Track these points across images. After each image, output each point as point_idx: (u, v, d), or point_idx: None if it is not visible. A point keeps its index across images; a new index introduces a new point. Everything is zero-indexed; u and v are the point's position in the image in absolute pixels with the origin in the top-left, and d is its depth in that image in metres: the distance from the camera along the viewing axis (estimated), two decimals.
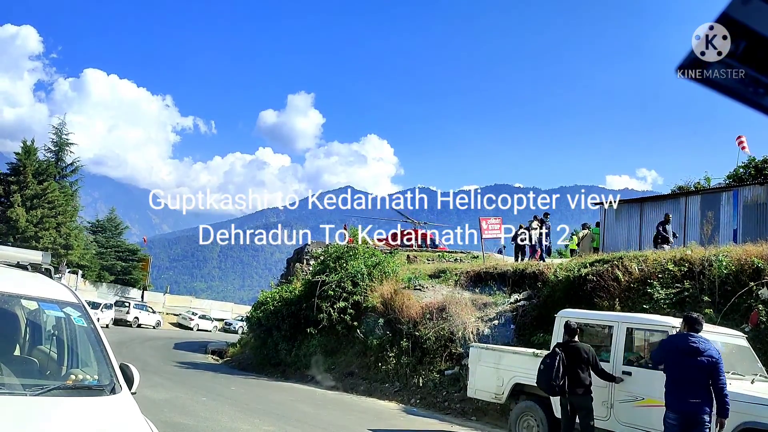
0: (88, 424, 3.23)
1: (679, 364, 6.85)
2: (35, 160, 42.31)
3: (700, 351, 6.66)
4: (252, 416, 10.84)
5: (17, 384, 3.40)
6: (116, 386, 3.66)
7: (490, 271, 18.01)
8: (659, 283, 12.37)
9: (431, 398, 14.47)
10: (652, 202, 20.54)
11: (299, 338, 19.39)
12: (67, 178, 48.40)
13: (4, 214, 38.85)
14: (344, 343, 18.27)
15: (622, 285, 12.98)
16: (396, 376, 15.88)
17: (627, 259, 13.80)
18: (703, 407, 6.62)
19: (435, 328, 15.73)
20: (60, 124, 49.38)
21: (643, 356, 8.53)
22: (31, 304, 4.33)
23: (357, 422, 11.46)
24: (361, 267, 19.04)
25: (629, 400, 8.11)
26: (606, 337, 8.87)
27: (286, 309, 20.36)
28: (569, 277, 14.50)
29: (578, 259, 16.27)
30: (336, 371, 17.72)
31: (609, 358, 8.51)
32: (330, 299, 18.29)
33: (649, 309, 11.64)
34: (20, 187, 40.02)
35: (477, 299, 16.64)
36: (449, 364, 14.95)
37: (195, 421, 9.70)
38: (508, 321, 15.22)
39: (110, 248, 53.57)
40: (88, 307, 4.21)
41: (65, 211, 42.16)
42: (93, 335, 3.98)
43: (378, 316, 17.20)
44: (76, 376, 3.79)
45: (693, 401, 6.66)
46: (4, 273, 4.39)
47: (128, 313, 40.48)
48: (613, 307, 12.27)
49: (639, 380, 8.08)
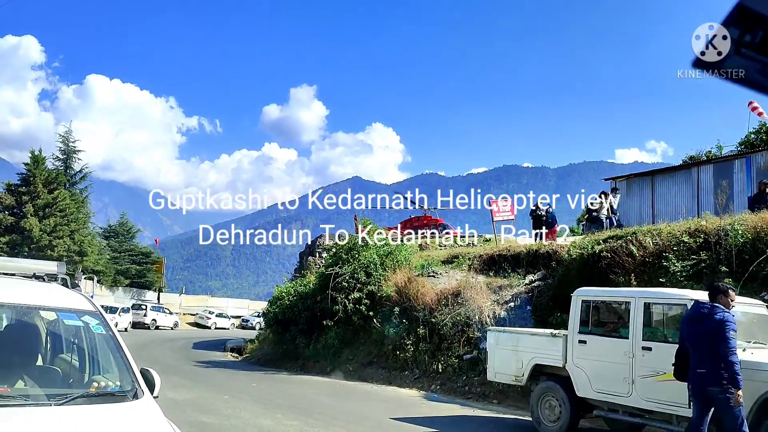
0: (113, 431, 3.25)
1: (687, 334, 6.70)
2: (44, 169, 42.53)
3: (705, 317, 6.45)
4: (274, 411, 10.90)
5: (41, 394, 3.43)
6: (138, 391, 3.68)
7: (504, 254, 17.96)
8: (675, 256, 12.29)
9: (451, 384, 14.50)
10: (664, 175, 20.37)
11: (316, 331, 19.46)
12: (76, 186, 48.69)
13: (18, 225, 39.13)
14: (361, 334, 18.33)
15: (637, 260, 12.91)
16: (415, 363, 15.92)
17: (641, 233, 13.70)
18: (710, 377, 6.29)
19: (451, 313, 15.74)
20: (66, 132, 49.67)
21: (662, 330, 8.51)
22: (50, 315, 4.37)
23: (379, 412, 11.50)
24: (374, 257, 19.05)
25: (650, 375, 8.08)
26: (624, 313, 8.83)
27: (301, 303, 20.43)
28: (583, 255, 14.43)
29: (591, 237, 16.18)
30: (355, 362, 17.80)
31: (628, 334, 8.48)
32: (344, 291, 18.32)
33: (665, 282, 11.58)
34: (31, 197, 40.27)
35: (492, 282, 16.61)
36: (467, 349, 14.96)
37: (218, 420, 9.76)
38: (524, 302, 15.20)
39: (124, 252, 53.95)
40: (105, 314, 4.24)
41: (77, 218, 42.42)
42: (112, 342, 4.00)
43: (393, 305, 17.22)
44: (99, 383, 3.81)
45: (699, 371, 6.45)
46: (22, 285, 4.43)
47: (145, 316, 40.83)
48: (629, 283, 12.21)
49: (660, 355, 8.05)
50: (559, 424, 9.28)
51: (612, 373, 8.56)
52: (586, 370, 8.94)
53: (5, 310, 4.11)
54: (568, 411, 9.19)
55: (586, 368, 8.96)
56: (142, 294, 52.49)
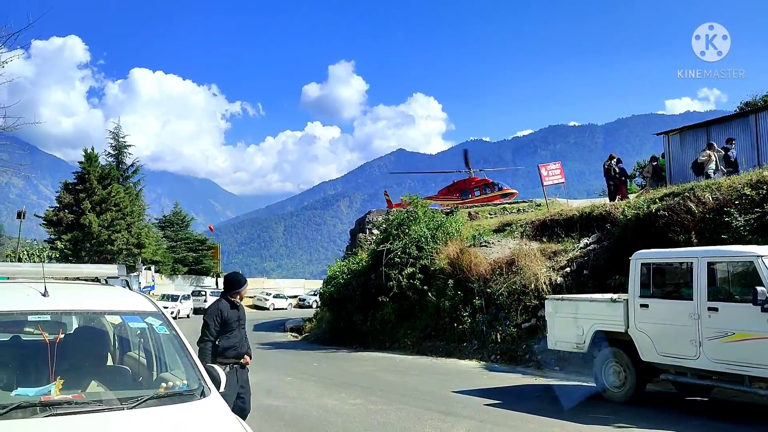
0: (185, 431, 3.33)
1: None
2: (98, 166, 43.85)
3: None
4: (338, 390, 11.07)
5: (114, 398, 3.52)
6: (205, 389, 3.75)
7: (556, 218, 17.65)
8: (737, 210, 11.82)
9: (511, 353, 14.43)
10: (719, 125, 19.51)
11: (372, 308, 19.61)
12: (129, 179, 50.11)
13: (78, 222, 40.53)
14: (417, 308, 18.37)
15: (697, 217, 12.48)
16: (473, 334, 15.89)
17: (699, 188, 13.24)
18: None
19: (506, 282, 15.61)
20: (116, 128, 51.10)
21: (728, 289, 8.23)
22: (115, 319, 4.50)
23: (441, 385, 11.54)
24: (424, 231, 19.01)
25: (718, 336, 7.84)
26: (686, 273, 8.56)
27: (355, 281, 20.61)
28: (639, 215, 14.05)
29: (647, 195, 15.72)
30: (413, 336, 17.89)
31: (692, 295, 8.23)
32: (397, 266, 18.37)
33: (728, 239, 11.18)
34: (88, 193, 41.61)
35: (546, 249, 16.36)
36: (525, 317, 14.83)
37: (284, 402, 9.97)
38: (581, 267, 14.93)
39: (180, 241, 55.44)
40: (168, 314, 4.32)
41: (132, 211, 43.69)
42: (176, 341, 4.09)
43: (447, 278, 17.18)
44: (167, 382, 3.90)
45: None
46: (86, 291, 4.57)
47: (205, 302, 41.77)
48: (689, 242, 11.83)
49: (727, 315, 7.80)
50: (625, 389, 9.14)
51: (677, 336, 8.34)
52: (650, 334, 8.74)
53: (72, 317, 4.24)
54: (634, 376, 9.03)
55: (649, 332, 8.76)
56: (201, 280, 53.95)
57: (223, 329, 6.21)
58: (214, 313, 6.23)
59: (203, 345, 6.08)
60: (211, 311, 6.29)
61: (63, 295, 4.18)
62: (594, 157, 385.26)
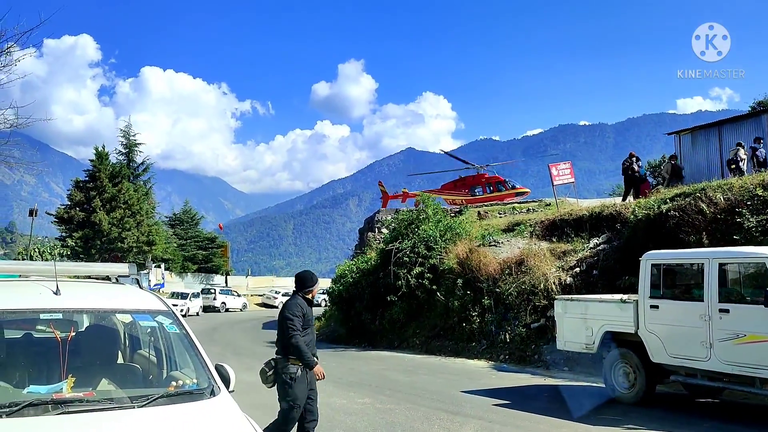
0: (195, 430, 3.35)
1: None
2: (108, 164, 44.10)
3: None
4: (346, 389, 11.07)
5: (124, 397, 3.54)
6: (215, 388, 3.77)
7: (566, 218, 17.59)
8: (749, 211, 11.75)
9: (520, 353, 14.40)
10: (731, 124, 19.41)
11: (381, 307, 19.60)
12: (140, 178, 50.35)
13: (89, 220, 40.79)
14: (426, 307, 18.36)
15: (708, 217, 12.41)
16: (482, 334, 15.87)
17: (710, 189, 13.15)
18: None
19: (515, 282, 15.57)
20: (127, 127, 51.38)
21: (739, 291, 8.18)
22: (125, 318, 4.53)
23: (450, 385, 11.53)
24: (433, 230, 18.99)
25: (729, 338, 7.79)
26: (697, 275, 8.51)
27: (364, 280, 20.61)
28: (649, 215, 13.98)
29: (657, 195, 15.64)
30: (421, 335, 17.88)
31: (703, 296, 8.18)
32: (406, 266, 18.36)
33: (740, 240, 11.10)
34: (99, 192, 41.85)
35: (555, 248, 16.31)
36: (534, 317, 14.79)
37: None
38: (590, 267, 14.87)
39: (190, 239, 55.69)
40: (178, 313, 4.35)
41: (142, 209, 43.91)
42: (186, 340, 4.11)
43: (456, 277, 17.16)
44: (177, 380, 3.92)
45: None
46: (97, 289, 4.61)
47: (215, 300, 42.07)
48: (700, 242, 11.76)
49: (738, 317, 7.74)
50: (635, 390, 9.10)
51: (688, 337, 8.29)
52: (660, 336, 8.69)
53: (83, 315, 4.28)
54: (644, 377, 8.99)
55: (659, 333, 8.71)
56: (210, 278, 54.13)
57: (302, 326, 5.97)
58: (296, 309, 5.98)
59: (299, 339, 5.83)
60: (292, 307, 6.01)
61: (74, 293, 4.21)
62: (604, 156, 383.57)
